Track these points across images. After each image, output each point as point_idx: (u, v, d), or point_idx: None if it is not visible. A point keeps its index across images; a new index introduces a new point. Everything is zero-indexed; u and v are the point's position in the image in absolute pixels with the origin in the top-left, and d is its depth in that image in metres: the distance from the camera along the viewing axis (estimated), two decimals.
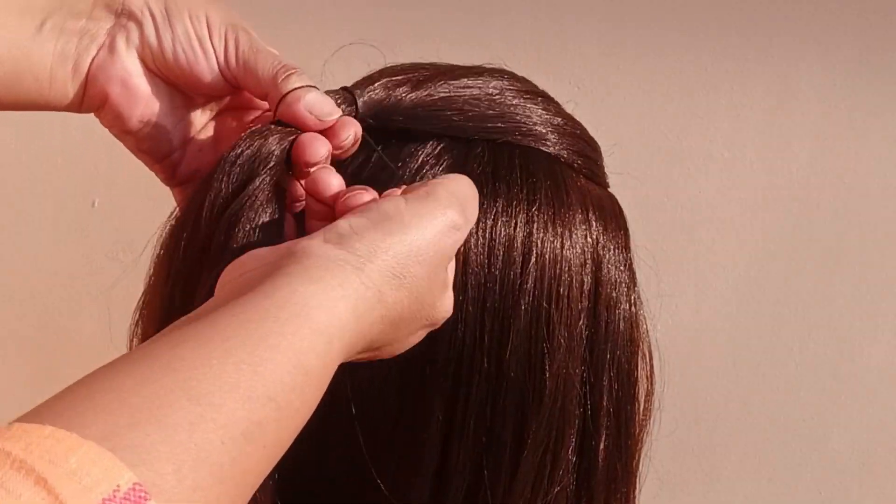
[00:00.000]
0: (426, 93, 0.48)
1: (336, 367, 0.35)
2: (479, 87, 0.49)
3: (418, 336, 0.41)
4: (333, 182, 0.42)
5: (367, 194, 0.41)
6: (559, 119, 0.51)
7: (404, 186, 0.42)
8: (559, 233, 0.47)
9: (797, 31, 0.98)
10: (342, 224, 0.37)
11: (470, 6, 0.99)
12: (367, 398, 0.45)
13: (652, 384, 0.52)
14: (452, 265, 0.42)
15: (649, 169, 1.01)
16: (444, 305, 0.41)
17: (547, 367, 0.46)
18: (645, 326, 0.52)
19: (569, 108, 0.54)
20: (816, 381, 1.05)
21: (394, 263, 0.36)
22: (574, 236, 0.48)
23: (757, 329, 1.05)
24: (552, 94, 0.54)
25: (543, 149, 0.49)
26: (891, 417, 1.06)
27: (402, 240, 0.37)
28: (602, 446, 0.49)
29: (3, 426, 0.26)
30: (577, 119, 0.54)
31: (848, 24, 0.98)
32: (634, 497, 0.53)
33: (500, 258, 0.46)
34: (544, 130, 0.50)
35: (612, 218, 0.51)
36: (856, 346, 1.04)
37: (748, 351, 1.05)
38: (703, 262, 1.03)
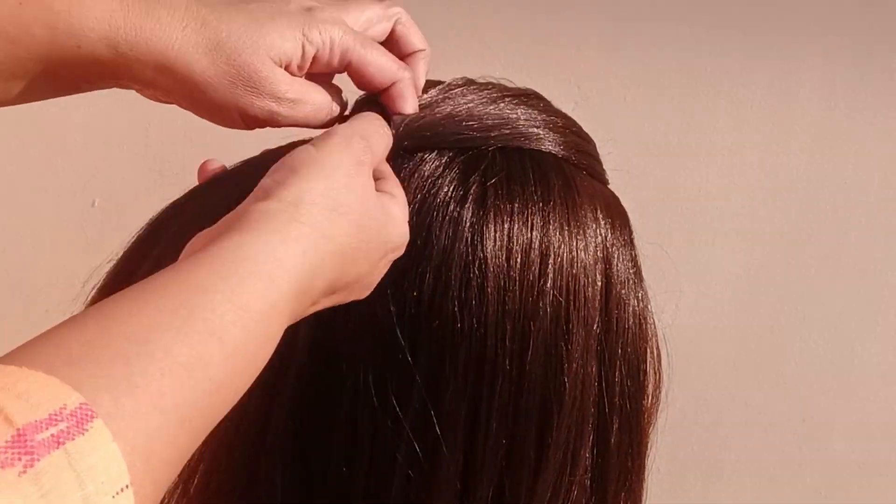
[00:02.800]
0: (430, 112, 0.48)
1: (290, 306, 0.36)
2: (476, 99, 0.50)
3: (383, 265, 0.42)
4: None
5: None
6: (557, 118, 0.51)
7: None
8: (574, 233, 0.48)
9: (797, 30, 0.98)
10: (265, 181, 0.39)
11: (470, 5, 0.99)
12: (389, 399, 0.45)
13: (659, 378, 0.53)
14: (400, 192, 0.44)
15: (649, 169, 1.01)
16: (396, 227, 0.42)
17: (566, 366, 0.47)
18: (652, 321, 0.52)
19: (569, 108, 0.54)
20: (816, 381, 1.05)
21: (325, 199, 0.38)
22: (587, 235, 0.48)
23: (757, 329, 1.05)
24: (552, 94, 0.54)
25: (549, 149, 0.50)
26: (891, 417, 1.06)
27: (321, 176, 0.39)
28: (613, 441, 0.49)
29: None
30: (576, 118, 0.54)
31: (848, 24, 0.98)
32: (643, 490, 0.53)
33: (519, 260, 0.46)
34: (547, 131, 0.50)
35: (618, 215, 0.51)
36: (856, 346, 1.04)
37: (748, 351, 1.05)
38: (703, 261, 1.03)
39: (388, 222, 0.42)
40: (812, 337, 1.04)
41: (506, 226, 0.46)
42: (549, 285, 0.46)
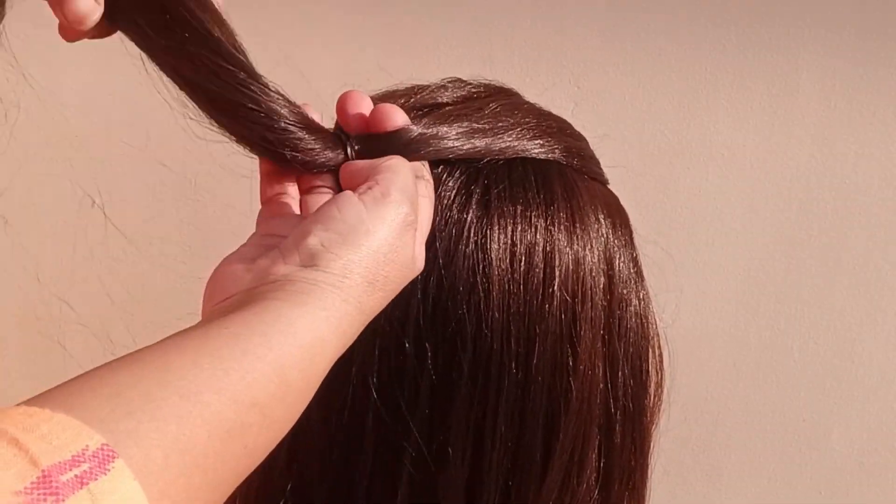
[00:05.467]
0: (429, 124, 0.48)
1: (321, 380, 0.38)
2: (470, 112, 0.49)
3: None
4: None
5: (326, 193, 0.44)
6: (551, 121, 0.51)
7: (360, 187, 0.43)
8: (578, 235, 0.47)
9: (797, 30, 0.99)
10: (312, 242, 0.40)
11: (470, 6, 0.99)
12: (396, 404, 0.45)
13: (661, 376, 0.53)
14: (431, 194, 0.45)
15: (649, 169, 1.01)
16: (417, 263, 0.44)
17: (573, 368, 0.47)
18: (653, 320, 0.52)
19: (569, 108, 0.54)
20: (816, 381, 1.05)
21: (367, 273, 0.40)
22: (591, 237, 0.48)
23: (757, 329, 1.05)
24: (552, 94, 0.54)
25: (550, 156, 0.50)
26: (891, 417, 1.06)
27: (369, 248, 0.40)
28: (618, 441, 0.49)
29: None
30: (576, 118, 0.54)
31: (848, 24, 0.98)
32: (647, 489, 0.53)
33: (523, 263, 0.46)
34: (545, 138, 0.50)
35: (618, 215, 0.51)
36: (856, 346, 1.04)
37: (748, 351, 1.05)
38: (703, 261, 1.03)
39: (414, 270, 0.43)
40: (812, 337, 1.04)
41: (509, 228, 0.46)
42: (556, 288, 0.46)
